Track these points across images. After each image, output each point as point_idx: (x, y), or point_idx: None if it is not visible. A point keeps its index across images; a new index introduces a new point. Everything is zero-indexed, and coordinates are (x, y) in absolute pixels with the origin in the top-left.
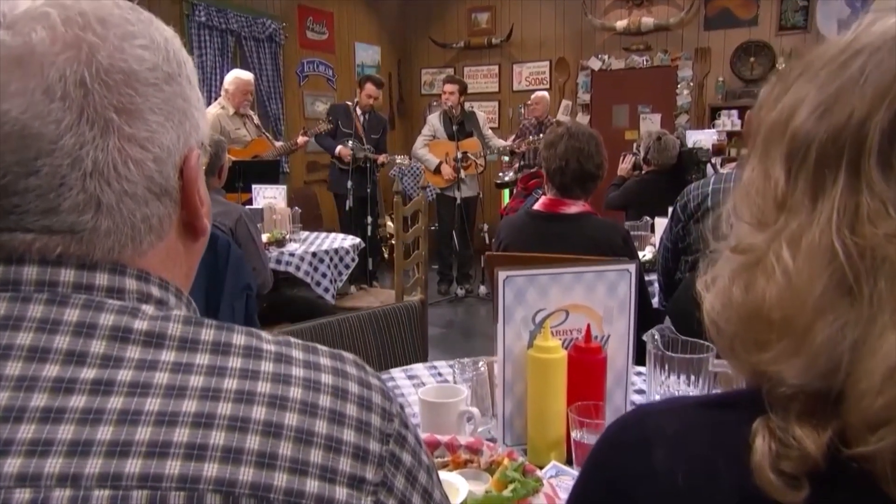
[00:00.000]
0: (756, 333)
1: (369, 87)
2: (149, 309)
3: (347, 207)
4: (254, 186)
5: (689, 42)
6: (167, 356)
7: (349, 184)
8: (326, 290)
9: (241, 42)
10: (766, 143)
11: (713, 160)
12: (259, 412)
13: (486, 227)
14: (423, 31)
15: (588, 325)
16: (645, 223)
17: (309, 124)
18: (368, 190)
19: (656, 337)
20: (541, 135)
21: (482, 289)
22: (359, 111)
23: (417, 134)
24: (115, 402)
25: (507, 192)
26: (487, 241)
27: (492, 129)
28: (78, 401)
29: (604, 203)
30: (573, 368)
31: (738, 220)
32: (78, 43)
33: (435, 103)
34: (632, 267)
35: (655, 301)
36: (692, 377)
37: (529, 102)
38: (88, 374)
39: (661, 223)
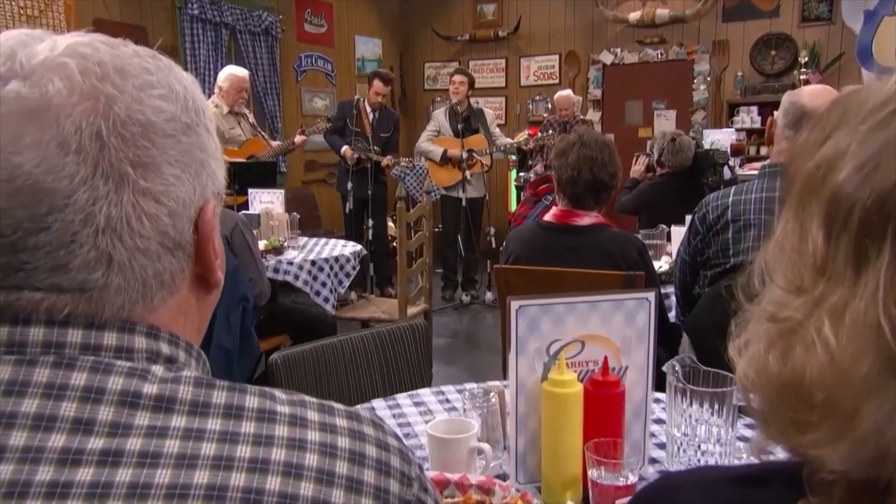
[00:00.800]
0: (795, 412)
1: (377, 84)
2: (158, 370)
3: (347, 210)
4: (250, 191)
5: (707, 34)
6: (178, 422)
7: (349, 185)
8: (326, 299)
9: (235, 36)
10: (803, 196)
11: (731, 161)
12: (273, 483)
13: (492, 230)
14: (426, 24)
15: (605, 357)
16: (661, 231)
17: (307, 121)
18: (370, 192)
19: (677, 368)
20: (549, 131)
21: (488, 295)
22: (369, 108)
23: (420, 130)
24: (124, 475)
25: (513, 199)
26: (494, 245)
27: (498, 125)
28: (85, 474)
29: (615, 206)
30: (589, 403)
31: (772, 280)
32: (95, 94)
33: (438, 99)
34: (651, 295)
35: (672, 315)
36: (716, 406)
37: (560, 106)
38: (96, 443)
39: (677, 232)
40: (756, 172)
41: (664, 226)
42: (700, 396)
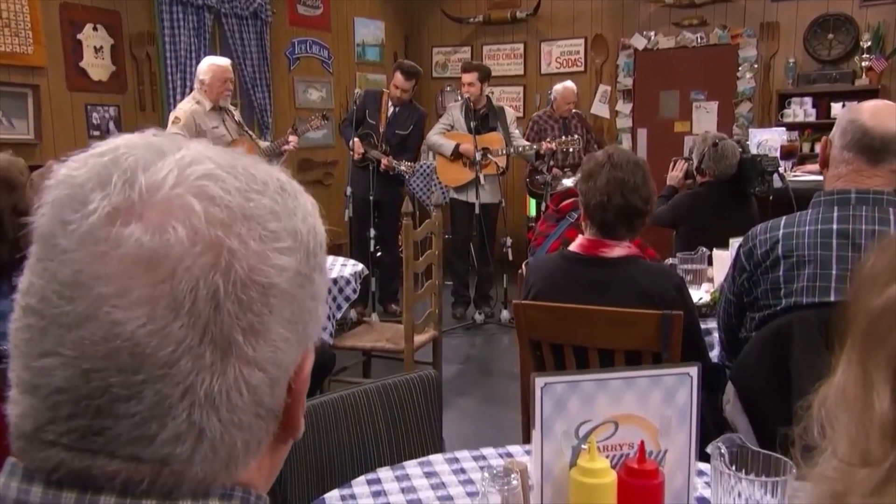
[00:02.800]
0: None
1: (397, 77)
2: None
3: (347, 217)
4: None
5: (754, 15)
6: None
7: (348, 190)
8: (324, 327)
9: (220, 20)
10: (868, 341)
11: (782, 166)
12: None
13: (509, 240)
14: (434, 4)
15: (641, 441)
16: (700, 255)
17: (301, 115)
18: (371, 195)
19: (723, 451)
20: (574, 135)
21: (504, 314)
22: (390, 102)
23: (428, 124)
24: None
25: (532, 201)
26: (511, 258)
27: (518, 118)
28: None
29: (650, 217)
30: (624, 493)
31: (833, 430)
32: (218, 247)
33: (448, 88)
34: (693, 370)
35: (715, 354)
36: (769, 487)
37: (566, 99)
38: None
39: (719, 257)
40: (810, 177)
41: (704, 248)
42: (749, 484)
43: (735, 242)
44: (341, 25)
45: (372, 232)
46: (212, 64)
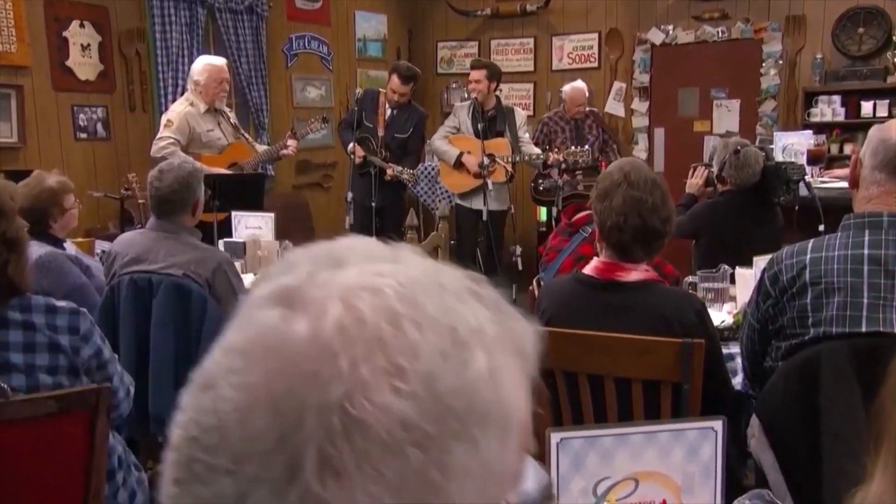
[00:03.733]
0: None
1: (393, 81)
2: None
3: (347, 224)
4: (234, 214)
5: (779, 8)
6: None
7: (349, 195)
8: None
9: (213, 15)
10: None
11: (809, 172)
12: None
13: (518, 249)
14: None
15: (663, 500)
16: (722, 273)
17: (299, 115)
18: (374, 202)
19: None
20: (584, 146)
21: None
22: (388, 104)
23: (432, 124)
24: None
25: (543, 209)
26: (521, 267)
27: (528, 117)
28: None
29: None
30: None
31: None
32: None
33: (454, 85)
34: (717, 424)
35: (738, 381)
36: None
37: (575, 101)
38: None
39: (742, 276)
40: (838, 184)
41: (726, 266)
42: None
43: (759, 261)
44: (341, 20)
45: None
46: (207, 64)
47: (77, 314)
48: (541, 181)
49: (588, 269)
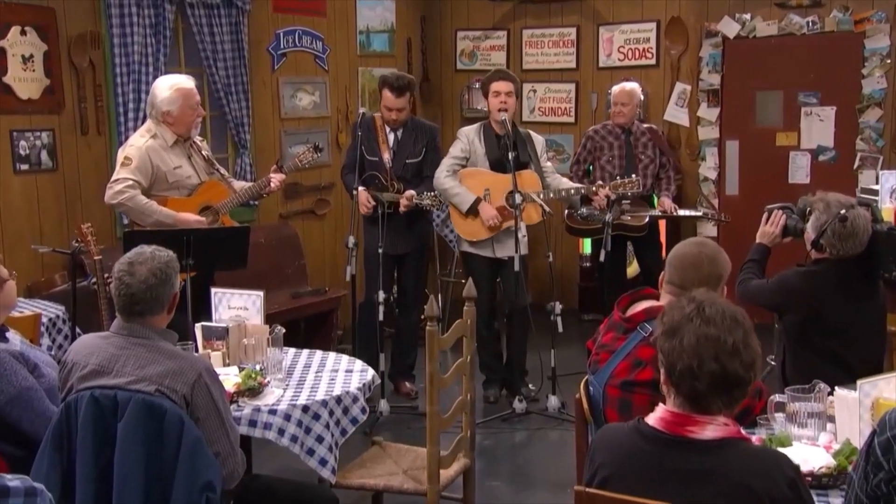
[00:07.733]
0: None
1: (385, 96)
2: None
3: (348, 275)
4: (213, 291)
5: None
6: None
7: (350, 240)
8: (324, 461)
9: (184, 12)
10: None
11: None
12: None
13: (558, 306)
14: None
15: None
16: (818, 393)
17: (287, 126)
18: (381, 249)
19: None
20: (633, 168)
21: (553, 400)
22: (387, 128)
23: (448, 137)
24: None
25: (587, 241)
26: (561, 328)
27: (568, 124)
28: None
29: (736, 286)
30: None
31: None
32: None
33: (477, 84)
34: None
35: None
36: None
37: (619, 101)
38: None
39: (842, 400)
40: None
41: (823, 384)
42: None
43: (864, 385)
44: (339, 8)
45: (381, 296)
46: (177, 88)
47: (33, 496)
48: (575, 210)
49: (653, 420)
